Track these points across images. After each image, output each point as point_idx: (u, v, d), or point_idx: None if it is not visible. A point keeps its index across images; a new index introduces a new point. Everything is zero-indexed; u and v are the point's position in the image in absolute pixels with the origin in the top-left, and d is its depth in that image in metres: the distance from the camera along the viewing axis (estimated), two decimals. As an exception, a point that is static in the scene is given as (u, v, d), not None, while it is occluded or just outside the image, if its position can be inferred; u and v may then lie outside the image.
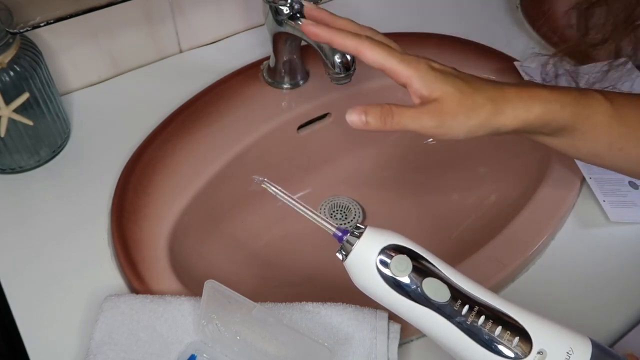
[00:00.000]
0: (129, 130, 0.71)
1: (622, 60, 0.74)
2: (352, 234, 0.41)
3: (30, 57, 0.63)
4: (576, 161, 0.69)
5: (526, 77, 0.76)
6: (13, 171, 0.68)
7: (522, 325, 0.39)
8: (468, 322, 0.39)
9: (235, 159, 0.70)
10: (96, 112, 0.74)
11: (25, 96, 0.63)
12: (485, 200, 0.76)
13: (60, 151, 0.70)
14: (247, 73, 0.76)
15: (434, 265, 0.41)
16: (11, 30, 0.60)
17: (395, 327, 0.54)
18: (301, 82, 0.75)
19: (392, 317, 0.54)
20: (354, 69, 0.63)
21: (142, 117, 0.72)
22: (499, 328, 0.39)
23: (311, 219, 0.43)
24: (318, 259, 0.73)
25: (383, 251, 0.40)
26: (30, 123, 0.64)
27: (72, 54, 0.73)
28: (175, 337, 0.53)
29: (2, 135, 0.64)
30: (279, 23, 0.67)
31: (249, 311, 0.51)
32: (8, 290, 0.59)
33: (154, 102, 0.74)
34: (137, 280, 0.58)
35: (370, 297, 0.42)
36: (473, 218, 0.75)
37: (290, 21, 0.66)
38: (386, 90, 0.78)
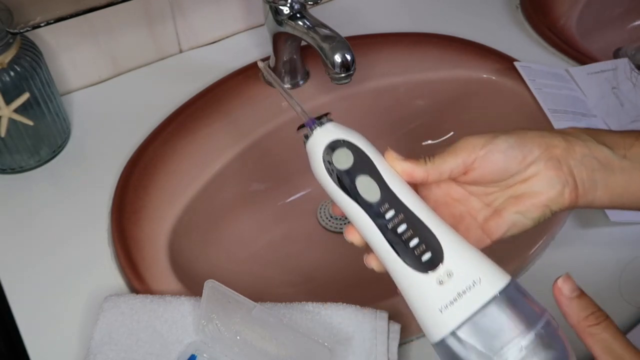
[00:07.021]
0: (129, 130, 0.71)
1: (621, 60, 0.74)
2: (319, 123, 0.45)
3: (31, 57, 0.63)
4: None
5: (526, 77, 0.76)
6: (13, 171, 0.68)
7: (439, 243, 0.41)
8: (389, 227, 0.42)
9: (236, 159, 0.70)
10: (96, 112, 0.74)
11: (25, 96, 0.63)
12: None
13: (61, 151, 0.70)
14: (247, 73, 0.76)
15: (374, 166, 0.43)
16: (11, 30, 0.60)
17: (395, 327, 0.54)
18: (301, 82, 0.75)
19: (392, 317, 0.54)
20: (354, 69, 0.63)
21: (142, 117, 0.72)
22: (416, 240, 0.41)
23: (293, 107, 0.47)
24: (318, 259, 0.73)
25: (332, 143, 0.44)
26: (31, 123, 0.64)
27: (72, 54, 0.73)
28: (175, 337, 0.53)
29: (2, 135, 0.64)
30: (279, 23, 0.67)
31: (249, 311, 0.51)
32: (8, 290, 0.59)
33: (154, 102, 0.74)
34: (137, 280, 0.58)
35: (321, 185, 0.44)
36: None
37: (290, 21, 0.66)
38: (385, 90, 0.78)
